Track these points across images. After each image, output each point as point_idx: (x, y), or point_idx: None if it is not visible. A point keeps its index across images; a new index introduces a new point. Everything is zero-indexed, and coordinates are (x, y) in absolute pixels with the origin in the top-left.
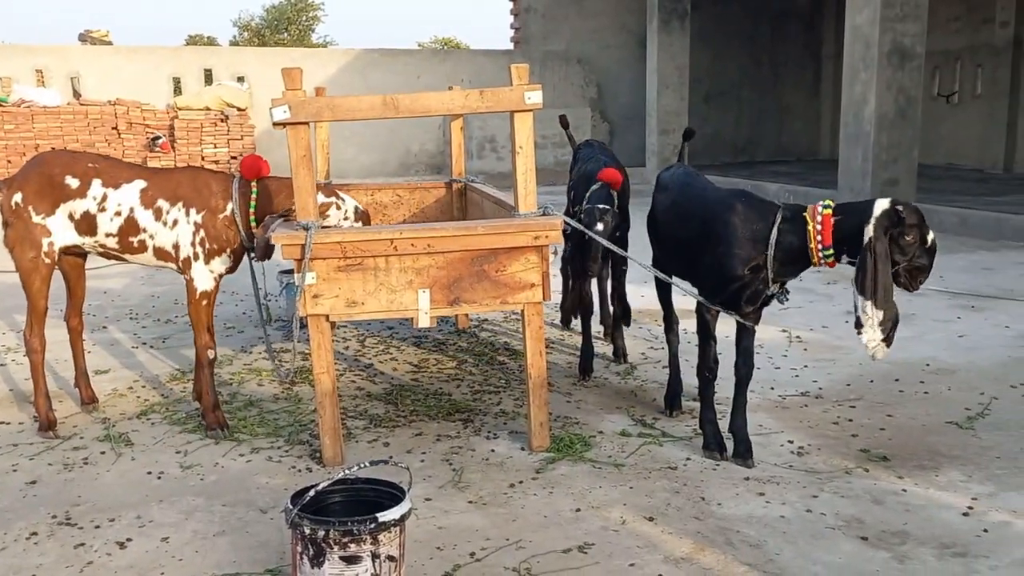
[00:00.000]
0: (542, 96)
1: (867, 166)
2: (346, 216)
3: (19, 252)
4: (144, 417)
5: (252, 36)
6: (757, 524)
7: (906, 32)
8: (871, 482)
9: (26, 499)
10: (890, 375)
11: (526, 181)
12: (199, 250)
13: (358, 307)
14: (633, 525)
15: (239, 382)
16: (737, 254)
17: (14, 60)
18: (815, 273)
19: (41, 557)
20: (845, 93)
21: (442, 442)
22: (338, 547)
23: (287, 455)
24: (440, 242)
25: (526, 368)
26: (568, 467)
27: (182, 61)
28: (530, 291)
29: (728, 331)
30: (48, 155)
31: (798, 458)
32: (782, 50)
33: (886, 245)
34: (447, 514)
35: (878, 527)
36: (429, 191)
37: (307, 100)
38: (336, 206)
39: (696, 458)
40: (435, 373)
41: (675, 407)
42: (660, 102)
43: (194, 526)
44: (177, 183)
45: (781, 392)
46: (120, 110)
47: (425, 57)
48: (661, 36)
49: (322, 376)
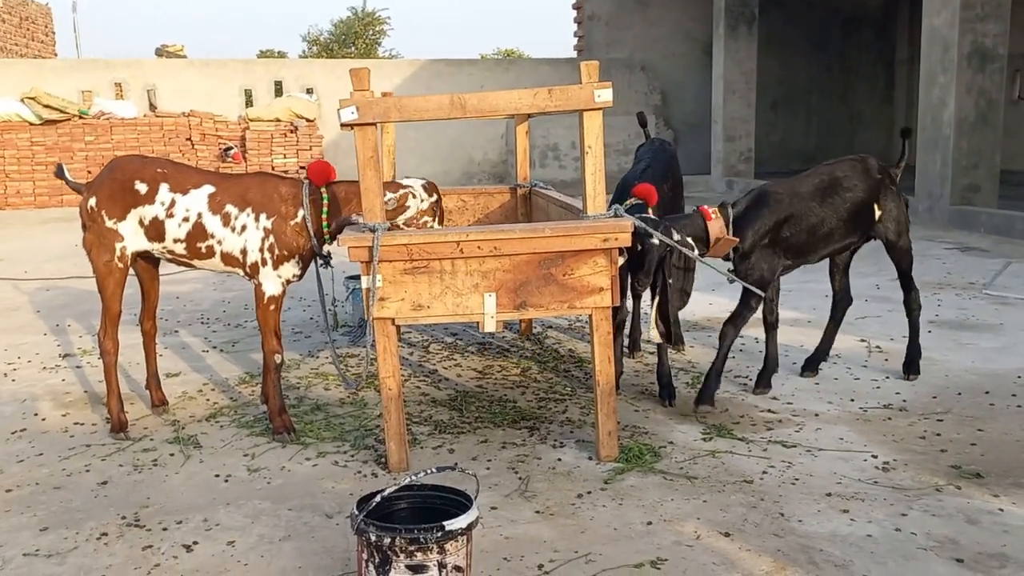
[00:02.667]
0: (611, 98)
1: (946, 171)
2: (418, 197)
3: (95, 255)
4: (213, 420)
5: (320, 50)
6: (842, 543)
7: (987, 33)
8: (964, 500)
9: (97, 499)
10: (979, 387)
11: (595, 182)
12: (267, 256)
13: (424, 311)
14: (708, 540)
15: (306, 386)
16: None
17: (94, 74)
18: (893, 281)
19: (110, 558)
20: (922, 97)
21: (507, 450)
22: (404, 555)
23: (353, 460)
24: (507, 244)
25: (594, 375)
26: (637, 478)
27: (253, 74)
28: (598, 295)
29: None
30: (120, 160)
31: (883, 474)
32: (853, 56)
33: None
34: (514, 524)
35: (974, 549)
36: (493, 196)
37: (375, 100)
38: (411, 195)
39: (773, 471)
40: (499, 380)
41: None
42: (726, 109)
43: (260, 530)
44: (246, 188)
45: (862, 404)
46: (194, 121)
47: (488, 67)
48: (728, 41)
49: (388, 380)
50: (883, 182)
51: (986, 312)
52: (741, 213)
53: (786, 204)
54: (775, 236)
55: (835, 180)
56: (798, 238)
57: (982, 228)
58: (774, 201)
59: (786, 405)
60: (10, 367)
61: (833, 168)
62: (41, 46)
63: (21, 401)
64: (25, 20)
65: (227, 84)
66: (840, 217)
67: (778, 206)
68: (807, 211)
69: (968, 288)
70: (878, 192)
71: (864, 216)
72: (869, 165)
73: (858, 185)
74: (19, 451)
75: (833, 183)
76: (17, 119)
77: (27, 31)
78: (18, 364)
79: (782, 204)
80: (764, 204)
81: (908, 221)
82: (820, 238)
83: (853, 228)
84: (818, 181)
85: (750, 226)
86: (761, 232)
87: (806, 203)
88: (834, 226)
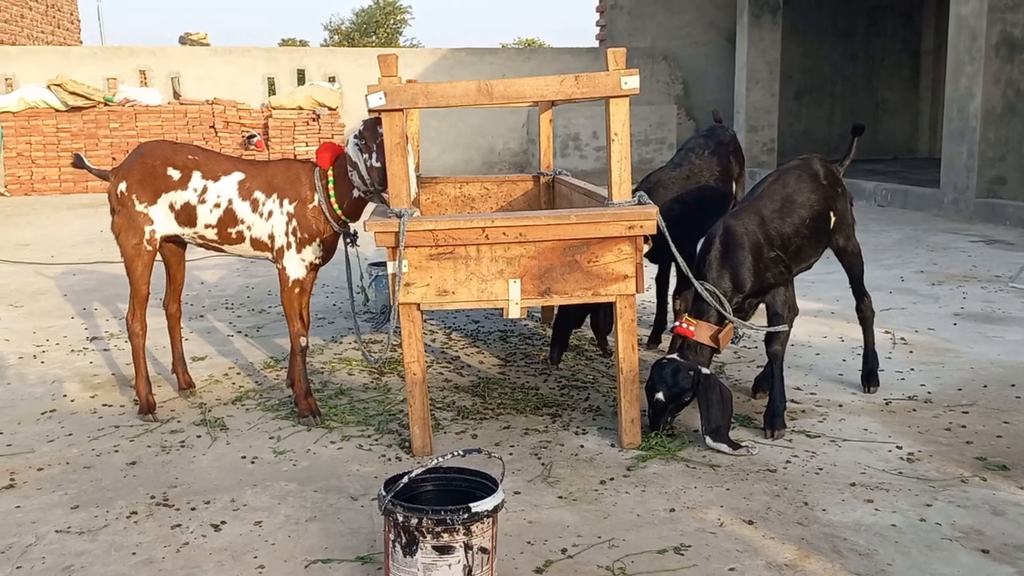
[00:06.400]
0: (638, 85)
1: (972, 163)
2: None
3: (124, 239)
4: (239, 403)
5: (342, 39)
6: (866, 532)
7: (1016, 22)
8: (990, 492)
9: (127, 479)
10: (1005, 380)
11: (620, 169)
12: (292, 239)
13: (449, 296)
14: (731, 528)
15: (330, 371)
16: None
17: (118, 61)
18: (918, 273)
19: (140, 536)
20: (949, 87)
21: (530, 436)
22: (431, 536)
23: (377, 444)
24: (532, 231)
25: (617, 363)
26: (660, 465)
27: (276, 62)
28: (623, 283)
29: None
30: (150, 145)
31: (908, 465)
32: (878, 45)
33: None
34: (537, 508)
35: (1000, 540)
36: (517, 184)
37: (402, 86)
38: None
39: (796, 461)
40: (522, 367)
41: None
42: (749, 99)
43: (286, 511)
44: (272, 174)
45: (886, 395)
46: (217, 109)
47: (510, 56)
48: (751, 30)
49: (412, 365)
50: (832, 186)
51: (1012, 305)
52: (720, 261)
53: (755, 233)
54: (760, 263)
55: (787, 198)
56: (776, 264)
57: (1008, 221)
58: (741, 235)
59: (810, 395)
60: (39, 349)
61: (779, 185)
62: (67, 33)
63: (50, 383)
64: (51, 8)
65: (250, 72)
66: (802, 235)
67: (748, 238)
68: (776, 233)
69: (994, 281)
70: (830, 198)
71: (823, 227)
72: (814, 171)
73: (810, 197)
74: (49, 431)
75: (787, 201)
76: (43, 106)
77: (53, 19)
78: (47, 347)
79: (751, 235)
80: (738, 244)
81: (854, 222)
82: (791, 258)
83: (817, 242)
84: (774, 205)
85: (741, 268)
86: (751, 268)
87: (774, 225)
88: (800, 244)
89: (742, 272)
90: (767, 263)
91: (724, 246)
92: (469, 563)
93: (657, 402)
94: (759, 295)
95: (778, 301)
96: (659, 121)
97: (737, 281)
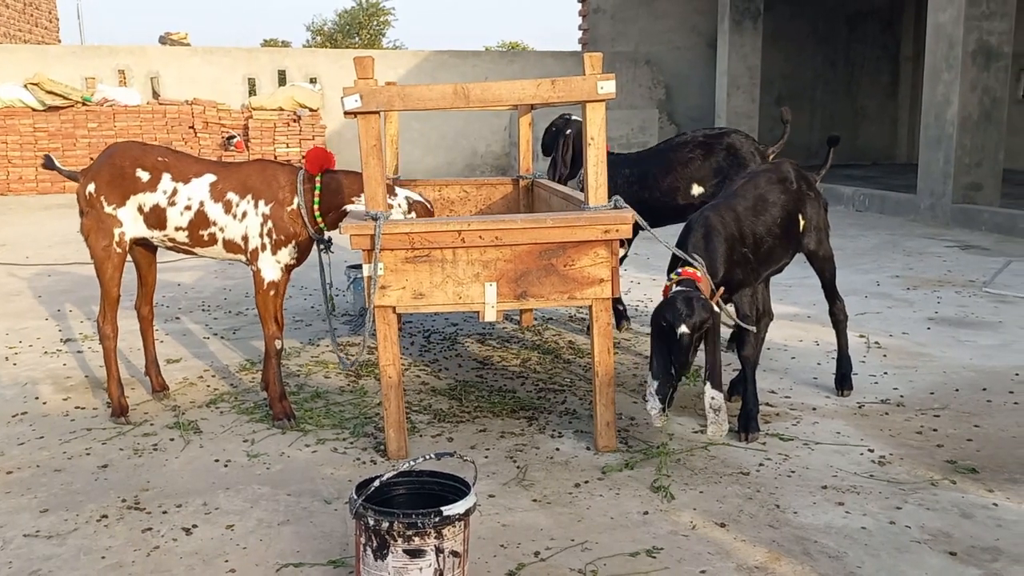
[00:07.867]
0: (614, 89)
1: (948, 169)
2: (403, 211)
3: (93, 240)
4: (213, 406)
5: (325, 40)
6: (836, 535)
7: (992, 30)
8: (958, 495)
9: (97, 482)
10: (977, 384)
11: (597, 173)
12: (266, 241)
13: (424, 299)
14: (704, 530)
15: (306, 374)
16: None
17: (97, 60)
18: (894, 278)
19: (110, 540)
20: (926, 94)
21: (506, 439)
22: (402, 540)
23: (352, 447)
24: (508, 234)
25: (593, 366)
26: (635, 469)
27: (257, 62)
28: (599, 286)
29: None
30: (119, 146)
31: (879, 468)
32: (858, 51)
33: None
34: (511, 511)
35: (967, 542)
36: (496, 187)
37: (378, 89)
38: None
39: (769, 464)
40: (499, 370)
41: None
42: (730, 104)
43: (259, 515)
44: (247, 175)
45: (859, 399)
46: (197, 109)
47: (493, 59)
48: (732, 36)
49: (388, 368)
50: (802, 190)
51: (985, 310)
52: (696, 247)
53: (731, 226)
54: (734, 256)
55: (760, 197)
56: (745, 263)
57: (983, 226)
58: (718, 226)
59: (784, 399)
60: (11, 351)
61: (751, 186)
62: (45, 32)
63: (22, 385)
64: (29, 6)
65: (231, 72)
66: (773, 235)
67: (725, 229)
68: (749, 231)
69: (968, 286)
70: (799, 201)
71: (793, 229)
72: (784, 174)
73: (780, 198)
74: (20, 434)
75: (759, 200)
76: (20, 105)
77: (31, 17)
78: (19, 348)
79: (727, 227)
80: (715, 233)
81: (828, 227)
82: (762, 259)
83: (787, 245)
84: (747, 203)
85: (716, 255)
86: (724, 257)
87: (747, 222)
88: (772, 244)
89: (716, 259)
90: (739, 258)
91: (703, 234)
92: (440, 567)
93: (682, 339)
94: (727, 289)
95: (745, 302)
96: (641, 125)
97: (712, 268)
